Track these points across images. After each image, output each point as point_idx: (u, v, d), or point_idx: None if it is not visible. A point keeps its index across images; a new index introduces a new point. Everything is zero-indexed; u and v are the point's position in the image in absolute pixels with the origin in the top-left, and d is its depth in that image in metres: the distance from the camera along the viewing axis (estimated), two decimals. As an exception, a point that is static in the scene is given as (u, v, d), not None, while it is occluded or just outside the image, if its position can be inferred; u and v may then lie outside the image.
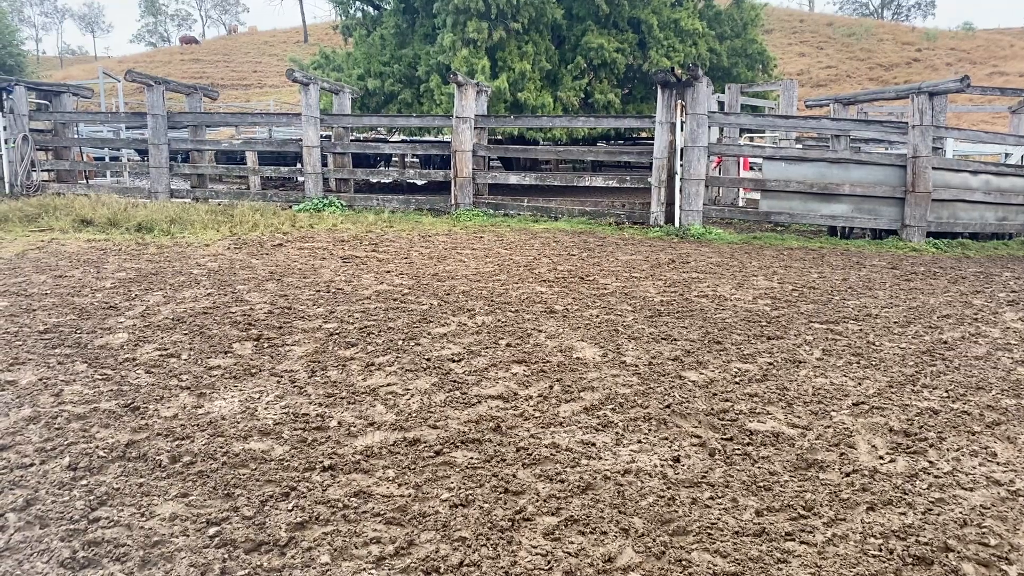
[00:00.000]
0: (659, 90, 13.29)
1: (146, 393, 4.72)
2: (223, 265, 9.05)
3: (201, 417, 4.35)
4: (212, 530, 3.12)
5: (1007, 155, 16.14)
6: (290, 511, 3.29)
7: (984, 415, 4.62)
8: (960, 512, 3.40)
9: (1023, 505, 3.48)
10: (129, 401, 4.57)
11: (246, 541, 3.05)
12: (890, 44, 55.18)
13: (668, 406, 4.63)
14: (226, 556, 2.95)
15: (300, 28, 72.20)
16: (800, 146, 17.63)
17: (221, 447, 3.93)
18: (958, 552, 3.06)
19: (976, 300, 8.04)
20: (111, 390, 4.77)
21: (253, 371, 5.20)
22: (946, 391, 5.05)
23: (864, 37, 56.14)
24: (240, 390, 4.81)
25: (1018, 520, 3.34)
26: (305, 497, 3.42)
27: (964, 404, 4.81)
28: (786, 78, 26.65)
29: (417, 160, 25.07)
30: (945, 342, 6.30)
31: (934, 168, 12.37)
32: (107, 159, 23.44)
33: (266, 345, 5.84)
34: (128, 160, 22.58)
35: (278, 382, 4.98)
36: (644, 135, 26.14)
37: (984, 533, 3.22)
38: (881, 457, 3.99)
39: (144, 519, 3.21)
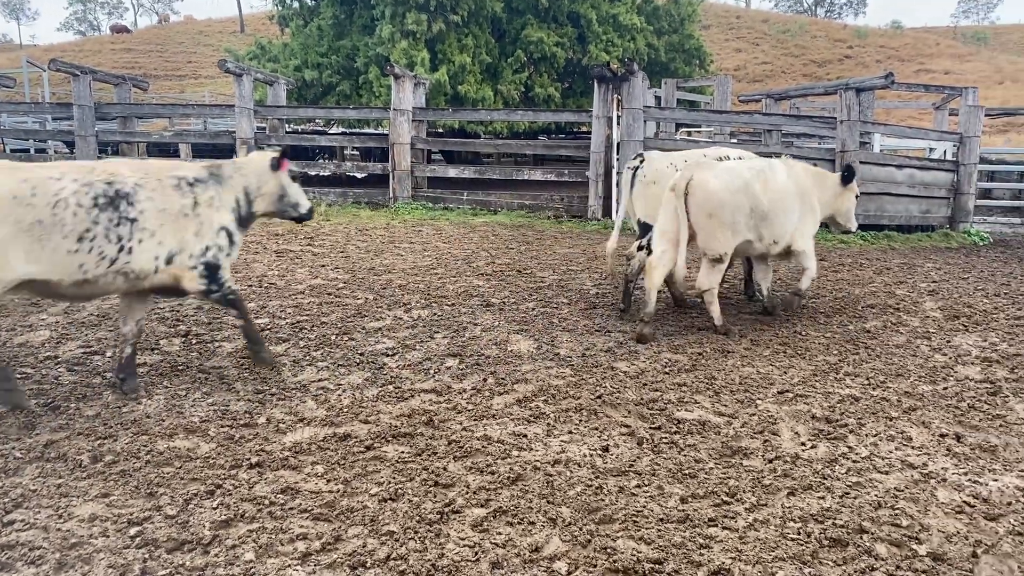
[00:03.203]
0: (596, 85, 13.39)
1: (68, 391, 4.59)
2: (153, 260, 8.82)
3: (125, 415, 4.25)
4: (133, 530, 3.06)
5: (931, 150, 16.66)
6: (215, 509, 3.24)
7: (902, 401, 4.79)
8: (876, 495, 3.52)
9: (935, 487, 3.62)
10: (50, 400, 4.44)
11: (168, 540, 2.99)
12: (823, 41, 56.51)
13: (599, 397, 4.68)
14: (147, 556, 2.89)
15: (236, 18, 70.51)
16: (735, 141, 17.93)
17: (145, 445, 3.85)
18: (872, 533, 3.18)
19: (899, 290, 8.31)
20: (31, 389, 4.62)
21: (180, 368, 5.09)
22: (867, 379, 5.22)
23: (798, 34, 57.35)
24: (166, 387, 4.71)
25: (929, 501, 3.48)
26: (231, 495, 3.37)
27: (884, 391, 4.98)
28: (722, 74, 27.09)
29: (357, 153, 24.75)
30: (868, 331, 6.50)
31: (861, 162, 12.72)
32: (32, 151, 22.59)
33: (194, 341, 5.72)
34: (55, 152, 21.80)
35: (206, 378, 4.89)
36: (584, 129, 26.28)
37: (897, 515, 3.34)
38: (803, 443, 4.10)
39: (62, 520, 3.12)
